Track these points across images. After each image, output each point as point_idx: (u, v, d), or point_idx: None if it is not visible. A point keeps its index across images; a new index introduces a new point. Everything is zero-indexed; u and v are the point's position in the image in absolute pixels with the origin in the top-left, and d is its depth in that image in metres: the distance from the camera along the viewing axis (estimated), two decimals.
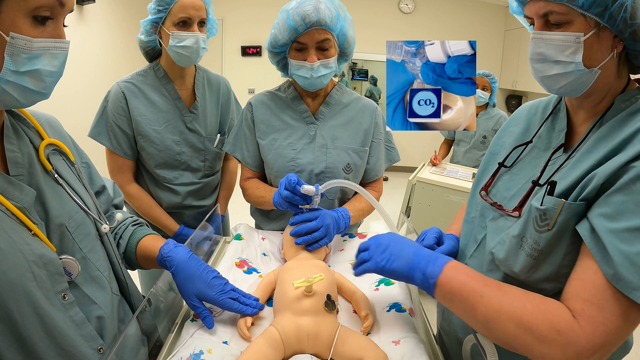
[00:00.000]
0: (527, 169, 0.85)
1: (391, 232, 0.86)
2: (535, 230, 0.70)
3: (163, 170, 1.47)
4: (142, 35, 1.40)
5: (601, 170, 0.64)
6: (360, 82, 7.55)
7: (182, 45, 1.33)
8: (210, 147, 1.54)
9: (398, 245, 0.79)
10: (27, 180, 0.67)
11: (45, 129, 0.77)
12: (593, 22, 0.68)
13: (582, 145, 0.74)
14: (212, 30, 1.44)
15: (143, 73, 1.46)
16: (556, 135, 0.83)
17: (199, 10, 1.33)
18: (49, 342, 0.62)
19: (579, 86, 0.73)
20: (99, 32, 4.37)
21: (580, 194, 0.66)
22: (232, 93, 1.64)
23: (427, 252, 0.77)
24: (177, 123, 1.46)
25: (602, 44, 0.69)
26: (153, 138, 1.42)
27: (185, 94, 1.49)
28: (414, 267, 0.74)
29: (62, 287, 0.66)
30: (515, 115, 0.99)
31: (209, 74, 1.57)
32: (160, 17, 1.33)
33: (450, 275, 0.71)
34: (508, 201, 0.84)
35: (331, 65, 1.23)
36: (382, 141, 1.40)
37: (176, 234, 1.53)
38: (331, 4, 1.19)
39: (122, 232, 0.93)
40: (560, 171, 0.75)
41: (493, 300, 0.66)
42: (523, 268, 0.72)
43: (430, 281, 0.72)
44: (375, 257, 0.79)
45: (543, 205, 0.69)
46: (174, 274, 0.84)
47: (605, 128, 0.72)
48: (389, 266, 0.77)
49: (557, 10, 0.69)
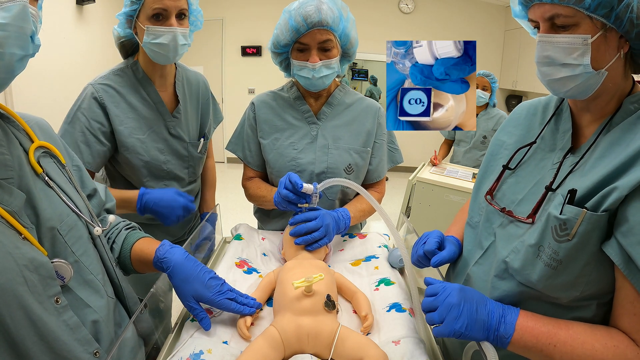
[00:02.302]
0: (534, 171, 0.84)
1: (456, 284, 0.78)
2: (555, 240, 0.69)
3: (149, 182, 1.33)
4: (119, 29, 1.25)
5: (623, 183, 0.63)
6: (360, 82, 7.55)
7: (157, 42, 1.17)
8: (194, 152, 1.42)
9: (471, 306, 0.73)
10: (16, 183, 0.66)
11: (35, 131, 0.75)
12: (599, 24, 0.67)
13: (593, 148, 0.73)
14: (197, 23, 1.28)
15: (120, 72, 1.29)
16: (561, 136, 0.82)
17: (177, 0, 1.17)
18: (43, 346, 0.62)
19: (586, 89, 0.72)
20: (99, 32, 4.37)
21: (601, 204, 0.65)
22: (210, 92, 1.52)
23: (495, 307, 0.73)
24: (160, 129, 1.32)
25: (609, 45, 0.68)
26: (137, 148, 1.28)
27: (166, 96, 1.35)
28: (489, 330, 0.72)
29: (55, 291, 0.65)
30: (513, 115, 0.98)
31: (187, 72, 1.43)
32: (134, 10, 1.17)
33: (522, 332, 0.70)
34: (517, 206, 0.82)
35: (333, 66, 1.23)
36: (384, 142, 1.39)
37: (139, 202, 1.24)
38: (333, 5, 1.18)
39: (115, 236, 0.91)
40: (573, 176, 0.73)
41: (566, 348, 0.67)
42: (541, 278, 0.71)
43: (504, 341, 0.71)
44: (450, 322, 0.72)
45: (563, 215, 0.68)
46: (170, 276, 0.84)
47: (617, 131, 0.71)
48: (467, 333, 0.72)
49: (563, 12, 0.68)
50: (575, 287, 0.69)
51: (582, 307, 0.71)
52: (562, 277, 0.69)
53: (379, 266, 1.10)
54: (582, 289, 0.69)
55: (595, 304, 0.71)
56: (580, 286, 0.69)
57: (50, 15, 3.71)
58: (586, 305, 0.71)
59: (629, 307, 0.65)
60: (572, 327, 0.69)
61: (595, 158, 0.71)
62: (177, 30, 1.18)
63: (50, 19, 3.70)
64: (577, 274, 0.68)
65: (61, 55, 3.78)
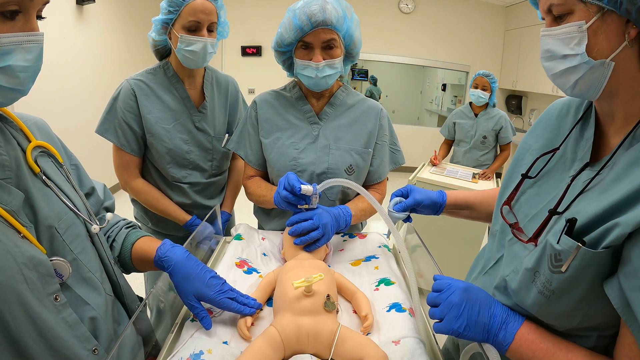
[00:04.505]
0: (553, 183, 0.76)
1: (462, 282, 0.77)
2: (549, 270, 0.64)
3: (172, 168, 1.47)
4: (154, 34, 1.40)
5: (628, 220, 0.55)
6: (360, 82, 7.55)
7: (189, 49, 1.33)
8: (218, 146, 1.55)
9: (473, 307, 0.72)
10: (15, 182, 0.66)
11: (32, 131, 0.76)
12: (595, 8, 0.61)
13: (611, 164, 0.65)
14: (223, 33, 1.44)
15: (153, 71, 1.46)
16: (583, 144, 0.74)
17: (209, 14, 1.33)
18: (42, 344, 0.62)
19: (592, 83, 0.65)
20: (99, 32, 4.37)
21: (602, 239, 0.58)
22: (240, 93, 1.65)
23: (500, 311, 0.72)
24: (185, 122, 1.47)
25: (609, 30, 0.61)
26: (162, 136, 1.43)
27: (194, 94, 1.49)
28: (489, 333, 0.71)
29: (54, 289, 0.65)
30: (544, 115, 0.87)
31: (217, 74, 1.58)
32: (170, 18, 1.33)
33: (520, 344, 0.69)
34: (529, 221, 0.76)
35: (336, 66, 1.23)
36: (386, 143, 1.39)
37: (188, 224, 1.53)
38: (338, 5, 1.18)
39: (115, 235, 0.92)
40: (584, 196, 0.66)
41: None
42: (534, 304, 0.67)
43: (502, 348, 0.70)
44: (450, 321, 0.71)
45: (559, 245, 0.62)
46: (171, 274, 0.84)
47: (639, 147, 0.62)
48: (465, 333, 0.71)
49: (555, 1, 0.65)
50: (571, 319, 0.65)
51: (581, 336, 0.67)
52: (556, 307, 0.65)
53: (379, 266, 1.10)
54: (579, 321, 0.64)
55: (596, 335, 0.66)
56: (576, 318, 0.64)
57: (50, 15, 3.67)
58: (586, 336, 0.67)
59: (627, 349, 0.60)
60: (573, 350, 0.66)
61: (610, 179, 0.63)
62: (207, 40, 1.34)
63: (50, 19, 3.67)
64: (572, 307, 0.63)
65: (61, 55, 3.78)
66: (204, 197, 1.57)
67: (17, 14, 0.58)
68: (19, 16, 0.58)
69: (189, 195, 1.52)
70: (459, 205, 1.10)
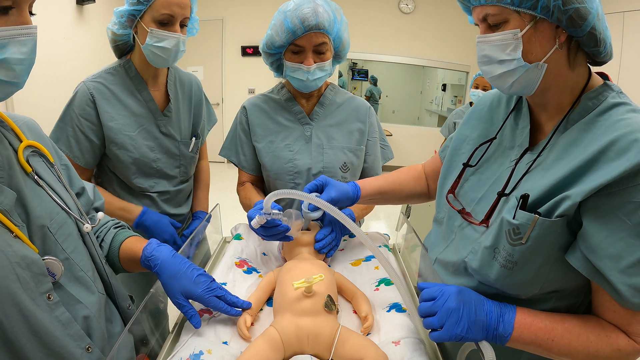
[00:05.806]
0: (494, 168, 0.83)
1: (453, 286, 0.77)
2: (509, 243, 0.70)
3: (138, 178, 1.34)
4: (115, 27, 1.24)
5: (576, 192, 0.64)
6: (360, 82, 7.56)
7: (160, 45, 1.19)
8: (185, 151, 1.43)
9: (470, 309, 0.72)
10: (7, 182, 0.67)
11: (24, 131, 0.77)
12: (528, 17, 0.68)
13: (550, 147, 0.73)
14: (192, 31, 1.32)
15: (112, 71, 1.31)
16: (520, 132, 0.81)
17: (184, 8, 1.20)
18: (36, 343, 0.63)
19: (528, 83, 0.72)
20: (99, 32, 4.37)
21: (555, 210, 0.66)
22: (203, 92, 1.53)
23: (492, 306, 0.73)
24: (150, 127, 1.33)
25: (542, 36, 0.69)
26: (127, 145, 1.29)
27: (157, 95, 1.36)
28: (488, 329, 0.72)
29: (47, 288, 0.66)
30: (476, 107, 0.95)
31: (180, 73, 1.45)
32: (139, 10, 1.17)
33: (521, 330, 0.71)
34: (476, 205, 0.83)
35: (326, 68, 1.24)
36: (377, 139, 1.42)
37: (140, 217, 1.34)
38: (328, 7, 1.19)
39: (104, 235, 0.92)
40: (529, 176, 0.74)
41: (563, 341, 0.69)
42: (498, 278, 0.74)
43: (503, 339, 0.72)
44: (451, 327, 0.71)
45: (516, 220, 0.69)
46: (158, 273, 0.84)
47: (574, 130, 0.71)
48: (467, 336, 0.71)
49: (491, 12, 0.71)
50: (532, 286, 0.71)
51: (542, 300, 0.74)
52: (519, 276, 0.71)
53: (379, 266, 1.10)
54: (541, 287, 0.71)
55: (555, 296, 0.74)
56: (537, 285, 0.71)
57: (50, 15, 3.72)
58: (546, 299, 0.74)
59: (608, 305, 0.68)
60: (567, 320, 0.71)
61: (552, 159, 0.72)
62: (180, 37, 1.22)
63: (50, 19, 3.71)
64: (534, 274, 0.70)
65: (61, 55, 3.78)
66: (172, 205, 1.45)
67: (10, 9, 0.59)
68: (12, 11, 0.60)
69: (158, 204, 1.40)
70: (372, 196, 1.10)
